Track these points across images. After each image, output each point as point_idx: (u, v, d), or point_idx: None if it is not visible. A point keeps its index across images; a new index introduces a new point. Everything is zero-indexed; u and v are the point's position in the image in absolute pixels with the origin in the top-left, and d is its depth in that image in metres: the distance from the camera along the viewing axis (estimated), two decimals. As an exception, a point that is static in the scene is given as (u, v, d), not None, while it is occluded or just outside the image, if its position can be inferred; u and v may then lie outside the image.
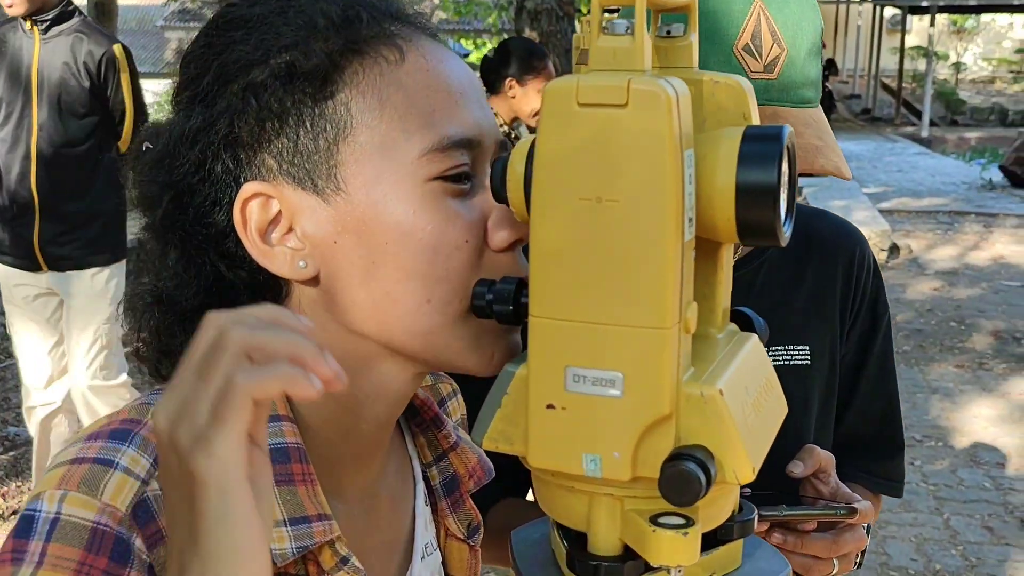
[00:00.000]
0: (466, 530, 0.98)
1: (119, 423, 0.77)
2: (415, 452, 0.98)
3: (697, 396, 0.63)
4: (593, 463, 0.64)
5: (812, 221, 1.42)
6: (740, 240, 0.66)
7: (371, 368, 0.82)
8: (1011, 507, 4.69)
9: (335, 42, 0.77)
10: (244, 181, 0.77)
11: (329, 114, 0.76)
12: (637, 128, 0.60)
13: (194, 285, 0.78)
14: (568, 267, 0.63)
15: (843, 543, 1.17)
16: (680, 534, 0.64)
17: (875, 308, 1.43)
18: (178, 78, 0.81)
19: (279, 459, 0.78)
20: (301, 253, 0.77)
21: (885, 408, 1.47)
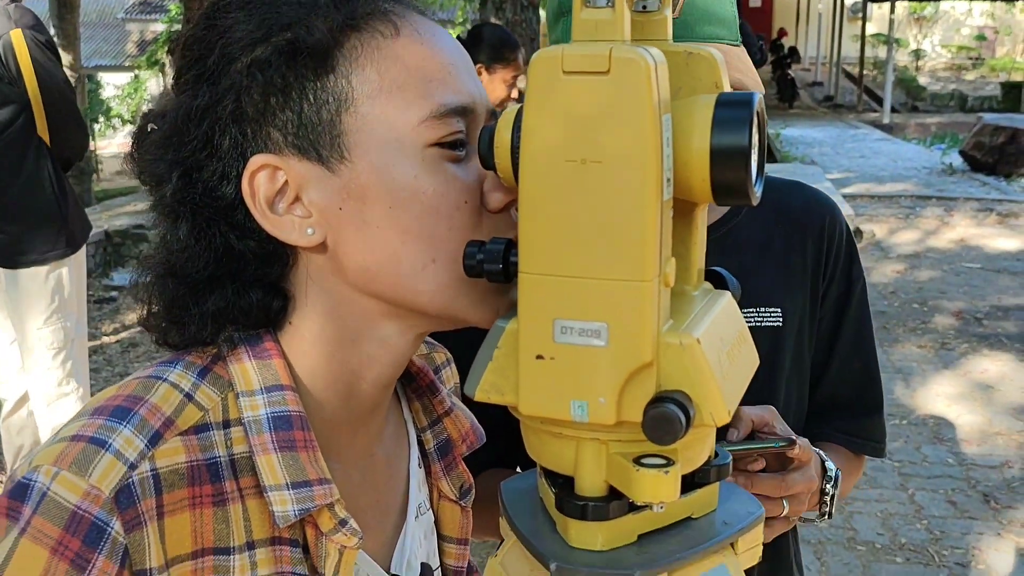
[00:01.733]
0: (458, 491, 1.03)
1: (123, 399, 0.81)
2: (410, 417, 1.02)
3: (676, 345, 0.68)
4: (580, 409, 0.68)
5: (783, 191, 1.48)
6: (715, 200, 0.71)
7: (376, 328, 0.86)
8: (973, 482, 4.80)
9: (334, 19, 0.80)
10: (251, 154, 0.80)
11: (331, 87, 0.80)
12: (619, 94, 0.65)
13: (204, 257, 0.82)
14: (555, 225, 0.67)
15: (791, 482, 1.20)
16: (662, 472, 0.68)
17: (849, 274, 1.47)
18: (179, 61, 0.85)
19: (282, 426, 0.83)
20: (308, 221, 0.81)
21: (862, 370, 1.50)
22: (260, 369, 0.84)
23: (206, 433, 0.82)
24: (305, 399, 0.86)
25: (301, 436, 0.83)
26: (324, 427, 0.88)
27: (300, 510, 0.81)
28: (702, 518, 0.78)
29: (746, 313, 1.37)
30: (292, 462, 0.82)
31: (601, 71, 0.65)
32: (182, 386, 0.83)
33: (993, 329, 7.22)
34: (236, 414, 0.83)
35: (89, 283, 8.66)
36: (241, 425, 0.83)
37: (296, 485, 0.82)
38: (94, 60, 25.93)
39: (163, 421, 0.80)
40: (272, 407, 0.83)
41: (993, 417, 5.60)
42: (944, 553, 4.13)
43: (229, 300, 0.82)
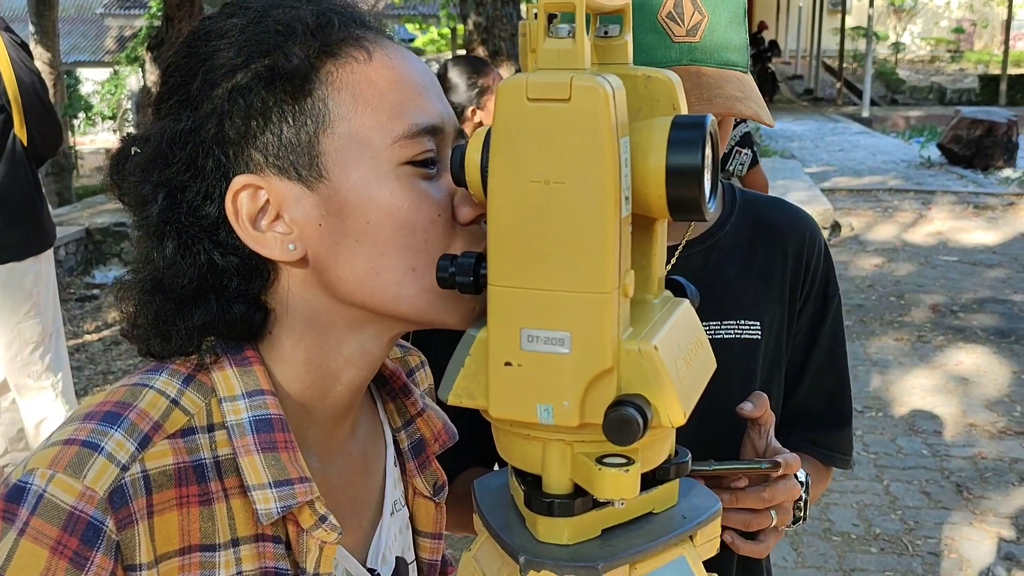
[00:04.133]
0: (432, 489, 1.09)
1: (112, 405, 0.85)
2: (386, 418, 1.08)
3: (635, 351, 0.73)
4: (546, 412, 0.73)
5: (764, 208, 1.52)
6: (671, 215, 0.76)
7: (354, 334, 0.92)
8: (947, 472, 4.88)
9: (311, 46, 0.85)
10: (233, 175, 0.85)
11: (308, 110, 0.84)
12: (579, 119, 0.69)
13: (190, 273, 0.86)
14: (521, 241, 0.72)
15: (776, 493, 1.25)
16: (622, 471, 0.73)
17: (825, 290, 1.51)
18: (161, 87, 0.89)
19: (263, 429, 0.88)
20: (290, 237, 0.86)
21: (834, 385, 1.55)
22: (241, 376, 0.89)
23: (192, 436, 0.86)
24: (284, 402, 0.91)
25: (282, 437, 0.88)
26: (303, 428, 0.93)
27: (282, 507, 0.86)
28: (663, 513, 0.83)
29: (726, 325, 1.42)
30: (274, 462, 0.87)
31: (562, 98, 0.70)
32: (168, 392, 0.87)
33: (968, 322, 7.32)
34: (220, 418, 0.88)
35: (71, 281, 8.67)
36: (224, 428, 0.88)
37: (278, 484, 0.87)
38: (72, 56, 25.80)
39: (152, 425, 0.84)
40: (254, 411, 0.88)
41: (967, 409, 5.69)
42: (918, 543, 4.21)
43: (214, 314, 0.87)
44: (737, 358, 1.42)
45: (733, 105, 1.23)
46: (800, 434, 1.52)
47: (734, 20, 1.28)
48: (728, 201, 1.50)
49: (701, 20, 1.25)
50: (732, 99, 1.24)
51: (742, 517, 1.26)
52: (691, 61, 1.24)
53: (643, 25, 1.23)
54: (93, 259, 8.88)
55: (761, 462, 1.25)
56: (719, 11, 1.26)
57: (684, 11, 1.24)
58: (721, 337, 1.42)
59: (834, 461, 1.57)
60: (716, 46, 1.26)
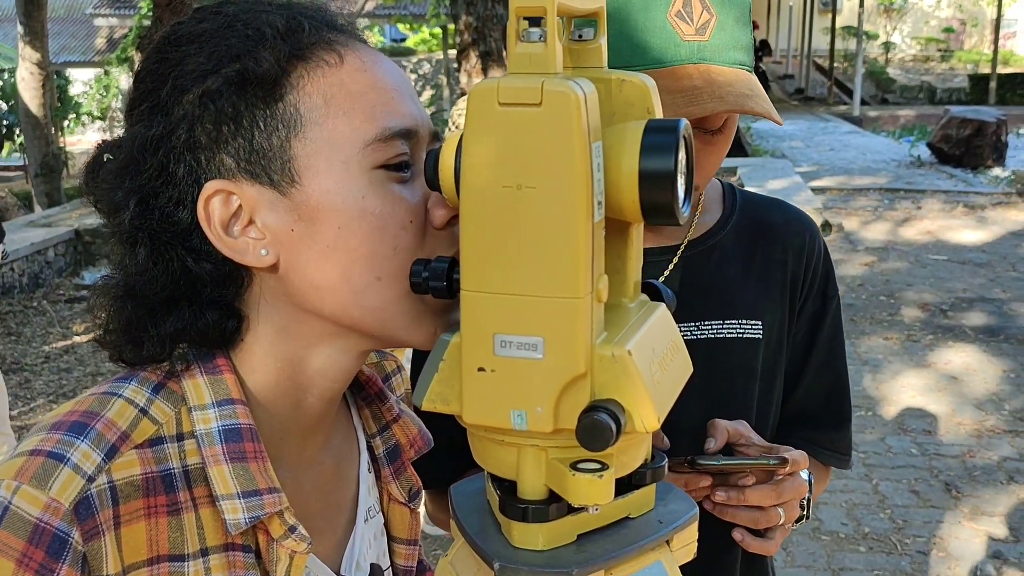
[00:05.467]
0: (407, 495, 1.08)
1: (80, 415, 0.84)
2: (360, 424, 1.07)
3: (609, 356, 0.72)
4: (519, 418, 0.73)
5: (765, 209, 1.52)
6: (644, 219, 0.75)
7: (324, 346, 0.91)
8: (936, 471, 4.90)
9: (281, 50, 0.84)
10: (205, 180, 0.84)
11: (280, 114, 0.84)
12: (550, 124, 0.69)
13: (163, 279, 0.85)
14: (494, 246, 0.71)
15: (784, 490, 1.26)
16: (596, 477, 0.73)
17: (825, 291, 1.52)
18: (132, 93, 0.89)
19: (233, 439, 0.87)
20: (262, 243, 0.85)
21: (832, 385, 1.55)
22: (212, 384, 0.88)
23: (160, 446, 0.86)
24: (256, 411, 0.91)
25: (251, 447, 0.88)
26: (274, 437, 0.92)
27: (250, 518, 0.86)
28: (639, 518, 0.83)
29: (728, 325, 1.42)
30: (243, 472, 0.87)
31: (534, 103, 0.69)
32: (137, 401, 0.87)
33: (958, 321, 7.34)
34: (189, 427, 0.87)
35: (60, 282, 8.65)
36: (194, 438, 0.87)
37: (246, 494, 0.86)
38: (62, 56, 25.74)
39: (119, 435, 0.84)
40: (223, 420, 0.87)
41: (956, 408, 5.71)
42: (906, 542, 4.22)
43: (186, 321, 0.86)
44: (739, 358, 1.43)
45: (744, 103, 1.23)
46: (798, 434, 1.52)
47: (740, 20, 1.29)
48: (729, 202, 1.51)
49: (710, 19, 1.25)
50: (743, 96, 1.23)
51: (751, 515, 1.26)
52: (700, 59, 1.24)
53: (651, 24, 1.24)
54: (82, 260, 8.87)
55: (769, 458, 1.26)
56: (727, 10, 1.26)
57: (693, 10, 1.24)
58: (723, 337, 1.42)
59: (832, 461, 1.57)
60: (725, 45, 1.26)
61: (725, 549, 1.35)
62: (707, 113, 1.20)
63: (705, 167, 1.32)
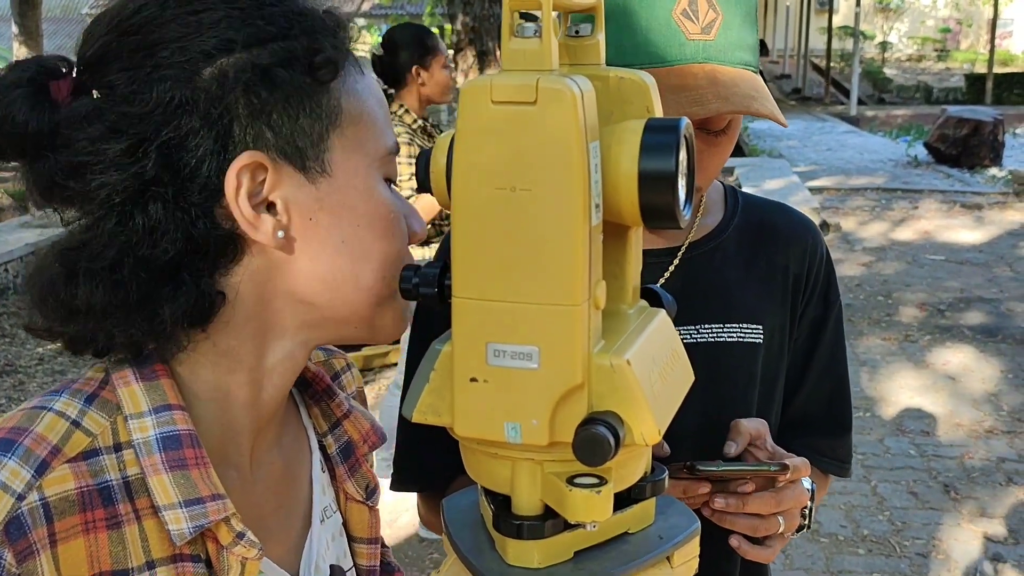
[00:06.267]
0: (364, 492, 1.06)
1: (6, 432, 0.80)
2: (310, 423, 1.05)
3: (607, 366, 0.69)
4: (514, 430, 0.70)
5: (767, 212, 1.50)
6: (644, 223, 0.72)
7: (291, 336, 0.89)
8: (934, 472, 4.87)
9: (339, 41, 0.86)
10: (241, 150, 0.81)
11: (325, 104, 0.84)
12: (545, 123, 0.66)
13: (175, 240, 0.80)
14: (486, 251, 0.68)
15: (784, 499, 1.23)
16: (594, 492, 0.70)
17: (827, 296, 1.49)
18: (146, 30, 0.82)
19: (172, 446, 0.84)
20: (281, 224, 0.83)
21: (834, 391, 1.53)
22: (148, 391, 0.85)
23: (96, 458, 0.82)
24: (203, 412, 0.88)
25: (192, 454, 0.84)
26: (223, 439, 0.90)
27: (194, 527, 0.83)
28: (638, 533, 0.80)
29: (728, 329, 1.39)
30: (184, 480, 0.83)
31: (528, 101, 0.66)
32: (68, 413, 0.83)
33: (955, 321, 7.32)
34: (126, 437, 0.84)
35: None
36: (132, 447, 0.84)
37: (189, 503, 0.83)
38: (58, 56, 25.62)
39: (49, 450, 0.80)
40: (161, 428, 0.84)
41: (955, 408, 5.68)
42: (905, 544, 4.19)
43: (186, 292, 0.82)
44: (739, 361, 1.40)
45: (749, 104, 1.20)
46: (799, 440, 1.49)
47: (747, 19, 1.26)
48: (731, 204, 1.48)
49: (716, 18, 1.22)
50: (748, 98, 1.21)
51: (750, 522, 1.24)
52: (705, 59, 1.22)
53: (656, 22, 1.21)
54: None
55: (769, 464, 1.23)
56: (733, 10, 1.23)
57: (699, 9, 1.22)
58: (724, 340, 1.39)
59: (832, 469, 1.54)
60: (730, 45, 1.23)
61: (724, 556, 1.32)
62: (711, 114, 1.17)
63: (708, 168, 1.29)
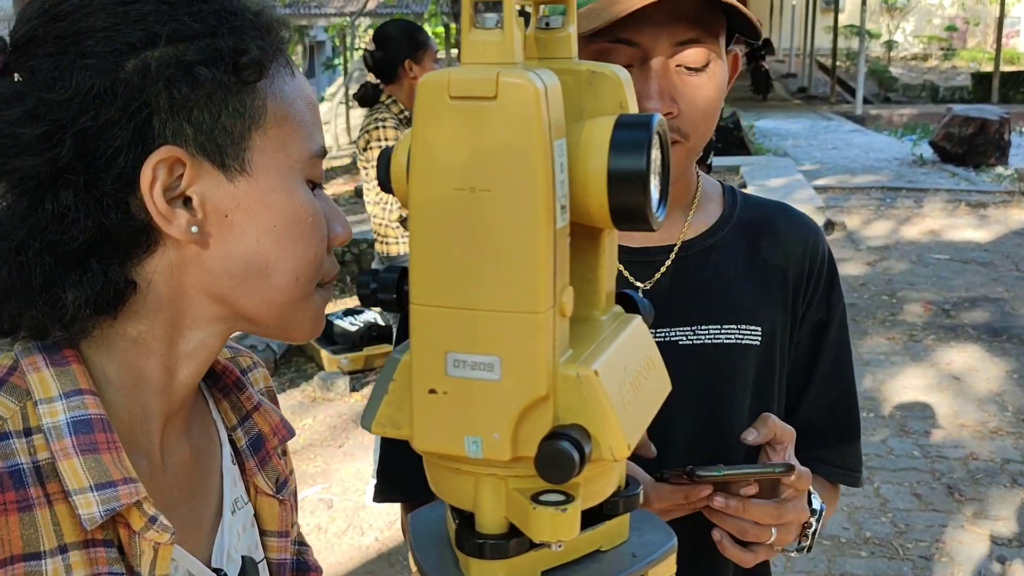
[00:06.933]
0: (274, 485, 1.06)
1: None
2: (219, 416, 1.05)
3: (573, 377, 0.65)
4: (475, 445, 0.66)
5: (767, 211, 1.46)
6: (615, 225, 0.68)
7: (203, 327, 0.91)
8: (938, 474, 4.82)
9: (268, 43, 0.86)
10: (160, 143, 0.82)
11: (249, 103, 0.85)
12: (506, 120, 0.62)
13: (83, 228, 0.81)
14: (445, 255, 0.65)
15: (785, 511, 1.19)
16: (559, 511, 0.66)
17: (829, 298, 1.45)
18: (74, 18, 0.83)
19: (83, 430, 0.83)
20: (195, 220, 0.84)
21: (840, 396, 1.48)
22: (58, 376, 0.85)
23: (6, 442, 0.82)
24: (113, 397, 0.88)
25: (103, 438, 0.84)
26: (132, 428, 0.90)
27: (106, 511, 0.82)
28: (611, 550, 0.76)
29: (726, 329, 1.35)
30: (95, 464, 0.83)
31: (488, 96, 0.62)
32: None
33: (960, 320, 7.26)
34: (36, 422, 0.83)
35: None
36: (42, 432, 0.83)
37: (100, 486, 0.82)
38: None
39: None
40: (72, 412, 0.83)
41: (959, 409, 5.63)
42: (908, 546, 4.15)
43: (92, 279, 0.82)
44: (736, 363, 1.36)
45: None
46: (806, 451, 1.45)
47: None
48: (728, 202, 1.44)
49: None
50: None
51: (739, 525, 1.19)
52: None
53: None
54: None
55: (775, 466, 1.18)
56: None
57: None
58: (721, 341, 1.35)
59: (842, 479, 1.49)
60: None
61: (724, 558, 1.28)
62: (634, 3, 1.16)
63: (694, 107, 1.25)
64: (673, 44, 1.22)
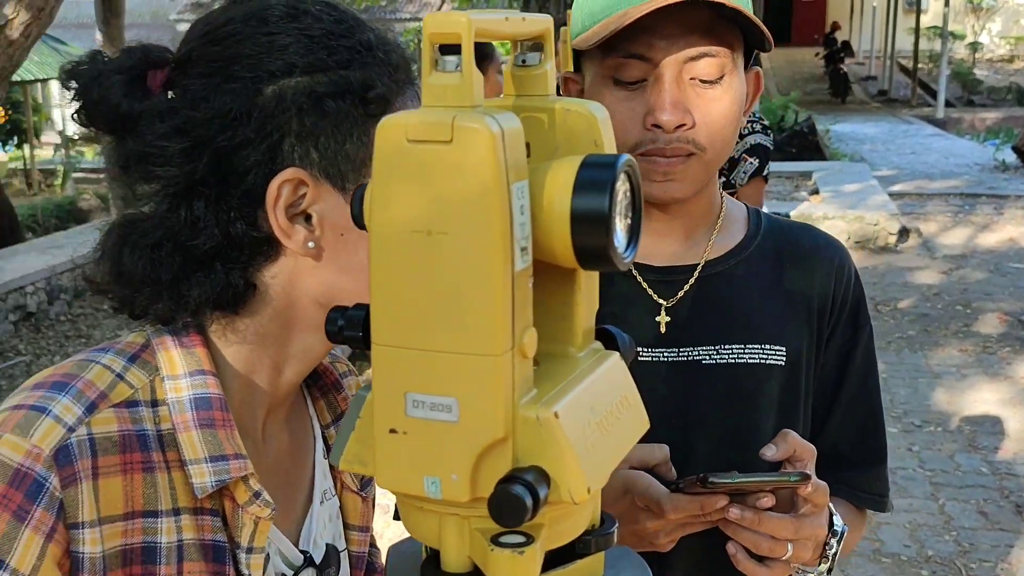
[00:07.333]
0: (359, 483, 1.15)
1: (60, 376, 0.92)
2: (315, 414, 1.13)
3: (533, 419, 0.65)
4: (433, 485, 0.66)
5: (792, 233, 1.46)
6: (581, 265, 0.68)
7: (310, 333, 0.99)
8: (1007, 492, 4.70)
9: (396, 79, 0.93)
10: (287, 164, 0.90)
11: (372, 134, 0.87)
12: (461, 163, 0.62)
13: (211, 234, 0.91)
14: (404, 297, 0.65)
15: (802, 527, 1.18)
16: (516, 553, 0.66)
17: (856, 319, 1.44)
18: (219, 47, 0.92)
19: (202, 406, 0.94)
20: (313, 236, 0.93)
21: (866, 419, 1.46)
22: (185, 356, 0.95)
23: (136, 408, 0.92)
24: (228, 383, 0.97)
25: (220, 416, 0.94)
26: (242, 411, 0.99)
27: (216, 481, 0.92)
28: (583, 589, 0.75)
29: (750, 350, 1.35)
30: (211, 438, 0.93)
31: (444, 140, 0.62)
32: (113, 368, 0.94)
33: (1038, 333, 7.06)
34: (162, 395, 0.94)
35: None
36: (166, 405, 0.93)
37: (214, 459, 0.93)
38: (147, 60, 26.20)
39: (98, 394, 0.91)
40: (195, 390, 0.94)
41: (1032, 424, 5.47)
42: (972, 566, 4.05)
43: (214, 280, 0.92)
44: (760, 384, 1.36)
45: None
46: (831, 475, 1.43)
47: None
48: (753, 224, 1.44)
49: None
50: None
51: (754, 538, 1.18)
52: None
53: None
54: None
55: (789, 474, 1.17)
56: None
57: None
58: (744, 361, 1.35)
59: (869, 504, 1.48)
60: None
61: None
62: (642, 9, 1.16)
63: (709, 119, 1.25)
64: (685, 57, 1.22)
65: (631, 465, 1.19)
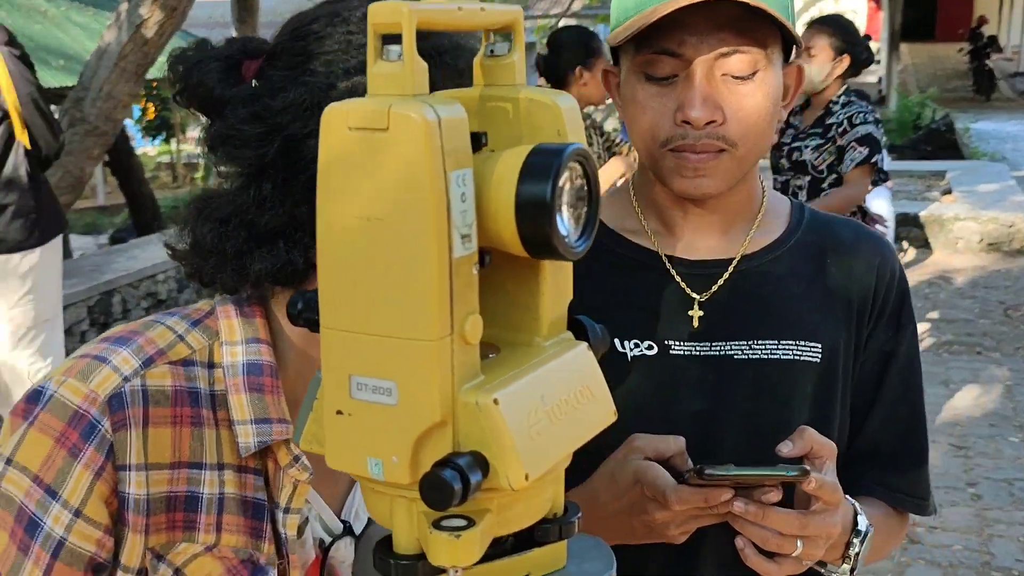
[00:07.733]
0: None
1: (126, 332, 1.00)
2: None
3: (472, 404, 0.66)
4: (376, 467, 0.68)
5: (834, 228, 1.43)
6: (530, 254, 0.68)
7: None
8: None
9: (462, 84, 0.92)
10: None
11: None
12: (397, 151, 0.63)
13: (277, 214, 0.95)
14: (347, 281, 0.66)
15: (810, 524, 1.15)
16: (453, 536, 0.67)
17: (899, 318, 1.41)
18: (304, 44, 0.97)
19: (254, 372, 1.00)
20: None
21: (909, 419, 1.43)
22: (244, 325, 1.02)
23: (191, 367, 1.00)
24: (284, 353, 1.03)
25: (269, 382, 1.00)
26: (295, 382, 1.04)
27: (259, 442, 0.99)
28: (542, 578, 0.76)
29: (784, 345, 1.33)
30: (258, 402, 0.99)
31: (381, 128, 0.64)
32: (176, 329, 1.02)
33: None
34: (219, 359, 1.01)
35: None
36: (221, 368, 1.00)
37: (259, 421, 0.99)
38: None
39: (157, 351, 0.98)
40: (249, 356, 1.01)
41: None
42: (1092, 586, 3.85)
43: (276, 256, 0.96)
44: (795, 380, 1.33)
45: None
46: (870, 476, 1.40)
47: None
48: (795, 219, 1.41)
49: None
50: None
51: (761, 533, 1.16)
52: None
53: None
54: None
55: (788, 468, 1.14)
56: None
57: None
58: (778, 357, 1.33)
59: (910, 507, 1.43)
60: None
61: None
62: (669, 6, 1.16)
63: (741, 115, 1.23)
64: (717, 53, 1.21)
65: (645, 456, 1.18)
